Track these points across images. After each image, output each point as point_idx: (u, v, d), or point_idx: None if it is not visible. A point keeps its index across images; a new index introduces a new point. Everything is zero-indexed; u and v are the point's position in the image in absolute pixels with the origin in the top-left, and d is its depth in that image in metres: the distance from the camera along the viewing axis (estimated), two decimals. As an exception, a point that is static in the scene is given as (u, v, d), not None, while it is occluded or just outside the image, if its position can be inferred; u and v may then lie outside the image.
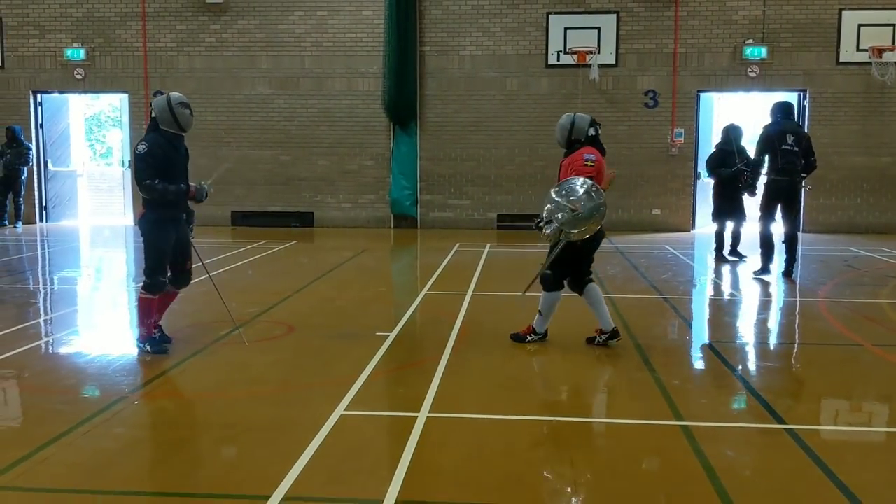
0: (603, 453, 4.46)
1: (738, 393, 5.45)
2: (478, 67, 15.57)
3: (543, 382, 5.62)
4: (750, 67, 15.04)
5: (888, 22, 14.67)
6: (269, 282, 9.87)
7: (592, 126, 6.38)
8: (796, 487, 3.90)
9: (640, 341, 6.73)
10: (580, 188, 6.07)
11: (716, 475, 3.96)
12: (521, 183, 15.70)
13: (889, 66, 14.60)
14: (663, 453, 4.33)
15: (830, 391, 5.56)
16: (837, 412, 5.26)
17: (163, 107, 6.15)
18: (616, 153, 15.40)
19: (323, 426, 4.59)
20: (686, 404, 5.12)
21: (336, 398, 5.08)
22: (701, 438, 4.47)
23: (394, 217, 15.97)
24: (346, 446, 4.35)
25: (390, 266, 12.52)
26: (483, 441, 4.50)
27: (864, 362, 6.23)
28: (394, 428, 4.79)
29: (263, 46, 15.87)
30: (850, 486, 3.84)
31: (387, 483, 3.84)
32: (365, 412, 4.94)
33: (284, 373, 5.88)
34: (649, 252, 12.59)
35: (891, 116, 14.95)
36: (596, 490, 3.84)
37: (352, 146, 15.94)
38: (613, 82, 15.36)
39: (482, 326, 7.26)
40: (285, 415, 4.90)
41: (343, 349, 6.43)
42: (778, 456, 4.33)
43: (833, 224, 14.82)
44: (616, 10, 15.17)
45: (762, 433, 4.70)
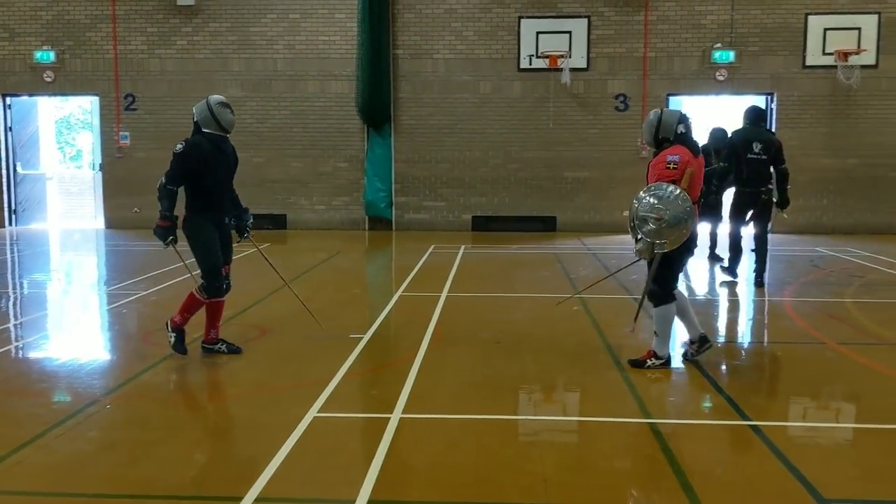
0: (573, 451, 4.54)
1: (706, 391, 5.56)
2: (451, 70, 15.65)
3: (516, 382, 5.69)
4: (718, 71, 15.26)
5: (853, 26, 14.95)
6: (243, 284, 9.80)
7: (682, 122, 5.86)
8: (760, 482, 4.00)
9: (610, 341, 6.84)
10: (663, 194, 5.64)
11: (682, 471, 4.06)
12: (496, 185, 15.80)
13: (854, 69, 14.87)
14: (632, 450, 4.42)
15: (795, 389, 5.69)
16: (801, 409, 5.38)
17: (203, 109, 6.08)
18: (587, 156, 15.62)
19: (296, 428, 4.62)
20: (655, 402, 5.23)
21: (309, 400, 5.12)
22: (668, 435, 4.57)
23: (368, 219, 15.99)
24: (320, 448, 4.40)
25: (365, 268, 12.55)
26: (456, 441, 4.57)
27: (828, 360, 6.37)
28: (367, 429, 4.84)
29: (236, 49, 15.83)
30: (812, 481, 3.94)
31: (359, 484, 3.89)
32: (338, 414, 4.98)
33: (258, 375, 5.90)
34: (620, 253, 12.72)
35: (856, 119, 15.25)
36: (565, 487, 3.92)
37: (325, 148, 15.95)
38: (585, 86, 15.51)
39: (457, 328, 7.32)
40: (259, 417, 4.93)
41: (316, 352, 6.46)
42: (743, 452, 4.45)
43: (800, 225, 15.06)
44: (587, 15, 15.32)
45: (728, 430, 4.81)
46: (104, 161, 16.31)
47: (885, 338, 6.88)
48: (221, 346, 6.37)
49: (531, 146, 15.70)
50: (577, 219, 15.77)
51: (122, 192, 16.10)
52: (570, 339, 6.99)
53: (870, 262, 11.42)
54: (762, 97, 15.41)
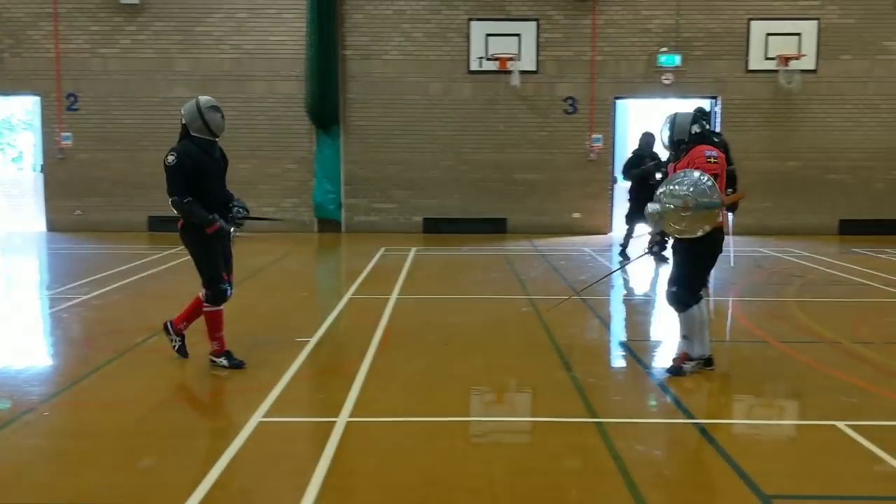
0: (520, 451, 4.56)
1: (650, 390, 5.63)
2: (401, 72, 15.62)
3: (466, 384, 5.68)
4: (664, 75, 15.50)
5: (794, 31, 15.33)
6: (188, 287, 9.62)
7: (696, 122, 5.67)
8: (702, 479, 4.07)
9: (559, 342, 6.88)
10: (696, 180, 5.41)
11: (626, 469, 4.10)
12: (447, 187, 15.81)
13: (795, 73, 15.25)
14: (577, 450, 4.45)
15: (738, 387, 5.78)
16: (744, 407, 5.48)
17: (192, 112, 5.82)
18: (538, 158, 15.73)
19: (240, 433, 4.55)
20: (601, 402, 5.27)
21: (254, 405, 5.05)
22: (614, 434, 4.61)
23: (318, 221, 15.86)
24: (264, 453, 4.33)
25: (314, 270, 12.44)
26: (403, 444, 4.54)
27: (770, 359, 6.50)
28: (313, 434, 4.79)
29: (181, 48, 15.57)
30: (754, 477, 4.01)
31: (304, 489, 3.84)
32: (283, 418, 4.92)
33: (203, 380, 5.80)
34: (569, 254, 12.85)
35: (797, 122, 15.62)
36: (513, 488, 3.92)
37: (274, 149, 15.78)
38: (534, 89, 15.62)
39: (406, 330, 7.30)
40: (202, 423, 4.85)
41: (263, 356, 6.37)
42: (686, 449, 4.51)
43: (745, 226, 15.31)
44: (536, 18, 15.42)
45: (671, 428, 4.88)
46: (45, 162, 15.90)
47: (825, 336, 7.05)
48: (177, 341, 6.24)
49: (482, 148, 15.75)
50: (528, 220, 15.86)
51: (64, 194, 15.71)
52: (520, 340, 7.02)
53: (810, 262, 11.70)
54: (707, 101, 15.70)
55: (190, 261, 6.11)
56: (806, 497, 3.91)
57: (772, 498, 3.78)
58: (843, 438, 4.58)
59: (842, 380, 5.75)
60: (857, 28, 15.41)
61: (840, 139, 15.65)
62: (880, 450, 4.36)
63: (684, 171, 5.54)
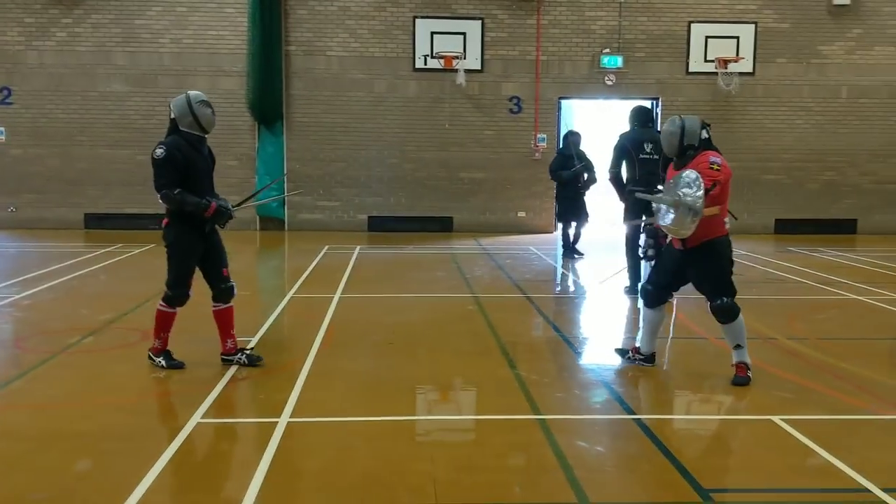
0: (463, 449, 4.54)
1: (593, 387, 5.67)
2: (345, 68, 15.50)
3: (409, 383, 5.65)
4: (607, 76, 15.69)
5: (733, 34, 15.67)
6: (125, 286, 9.46)
7: (704, 128, 5.60)
8: (642, 473, 4.11)
9: (503, 340, 6.90)
10: (693, 183, 5.31)
11: (568, 465, 4.12)
12: (392, 185, 15.75)
13: (733, 76, 15.59)
14: (520, 447, 4.46)
15: (677, 383, 5.87)
16: (683, 402, 5.56)
17: (182, 106, 5.64)
18: (483, 157, 15.77)
19: (178, 435, 4.45)
20: (544, 399, 5.29)
21: (193, 406, 4.94)
22: (556, 431, 4.64)
23: (260, 219, 15.64)
24: (202, 455, 4.25)
25: (256, 269, 12.25)
26: (345, 443, 4.49)
27: (707, 354, 6.62)
28: (253, 434, 4.71)
29: (119, 42, 15.19)
30: (692, 471, 4.07)
31: (243, 492, 3.76)
32: (223, 419, 4.83)
33: (140, 381, 5.65)
34: (514, 253, 12.92)
35: (735, 124, 15.97)
36: (455, 486, 3.91)
37: (214, 146, 15.23)
38: (479, 87, 15.66)
39: (349, 328, 7.23)
40: (139, 424, 4.72)
41: (202, 356, 6.22)
42: (626, 444, 4.56)
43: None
44: (481, 17, 15.47)
45: (613, 423, 4.93)
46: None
47: (761, 332, 7.21)
48: (241, 356, 5.93)
49: (427, 146, 15.73)
50: (474, 219, 15.90)
51: (-5, 191, 15.22)
52: (464, 339, 7.01)
53: (746, 260, 11.96)
54: (648, 102, 15.92)
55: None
56: (743, 490, 3.98)
57: (710, 492, 3.84)
58: (778, 432, 4.68)
59: (778, 375, 5.88)
60: (792, 32, 15.83)
61: (776, 140, 16.05)
62: (813, 443, 4.46)
63: (686, 172, 5.41)
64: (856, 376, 5.76)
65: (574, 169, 11.33)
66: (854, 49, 15.92)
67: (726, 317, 5.59)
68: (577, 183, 11.53)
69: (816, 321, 7.99)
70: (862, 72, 15.96)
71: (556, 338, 7.30)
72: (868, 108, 16.07)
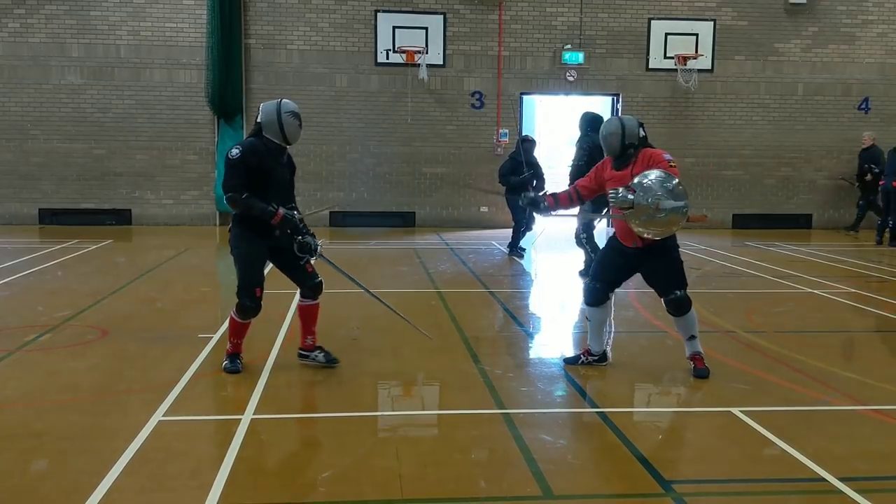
0: (428, 444, 4.55)
1: (556, 380, 5.71)
2: (306, 62, 15.38)
3: (373, 378, 5.64)
4: (568, 72, 15.79)
5: (692, 31, 15.87)
6: (82, 283, 9.29)
7: (641, 126, 5.70)
8: (605, 465, 4.16)
9: (467, 334, 6.91)
10: (671, 186, 5.40)
11: (532, 458, 4.15)
12: (354, 180, 15.68)
13: (692, 72, 15.80)
14: (485, 441, 4.48)
15: (639, 376, 5.93)
16: (644, 395, 5.63)
17: (271, 112, 5.41)
18: (446, 152, 15.78)
19: (139, 433, 4.38)
20: (508, 393, 5.31)
21: (154, 404, 4.87)
22: (520, 425, 4.66)
23: (219, 214, 15.46)
24: (164, 454, 4.18)
25: (216, 265, 12.11)
26: (309, 440, 4.48)
27: (667, 347, 6.69)
28: (216, 432, 4.66)
29: (74, 33, 14.89)
30: (654, 462, 4.13)
31: (206, 490, 3.72)
32: (185, 417, 4.76)
33: (99, 379, 5.55)
34: (477, 248, 12.96)
35: (693, 120, 16.19)
36: (421, 481, 3.91)
37: (173, 140, 15.29)
38: (442, 82, 15.65)
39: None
40: (99, 423, 4.64)
41: (163, 353, 6.16)
42: (589, 437, 4.61)
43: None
44: (443, 12, 15.46)
45: (576, 417, 4.98)
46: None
47: (719, 325, 7.32)
48: (318, 354, 5.81)
49: (389, 141, 15.69)
50: (436, 214, 15.91)
51: (-55, 185, 14.85)
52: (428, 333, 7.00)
53: (705, 255, 12.14)
54: (609, 98, 16.10)
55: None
56: (703, 481, 4.04)
57: (671, 483, 3.89)
58: (737, 423, 4.77)
59: (736, 368, 5.98)
60: (750, 30, 16.09)
61: (734, 137, 16.31)
62: (771, 434, 4.55)
63: (656, 172, 5.44)
64: (812, 368, 5.88)
65: (522, 176, 11.38)
66: (810, 47, 16.24)
67: (681, 309, 5.67)
68: (524, 190, 11.58)
69: (773, 314, 8.14)
70: (817, 69, 16.29)
71: (519, 332, 7.34)
72: (822, 105, 16.42)
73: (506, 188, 11.92)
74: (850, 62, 16.34)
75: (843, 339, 7.39)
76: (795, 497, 3.90)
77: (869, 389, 5.50)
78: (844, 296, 8.94)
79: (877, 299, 8.77)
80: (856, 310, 8.36)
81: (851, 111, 16.46)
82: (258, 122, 5.49)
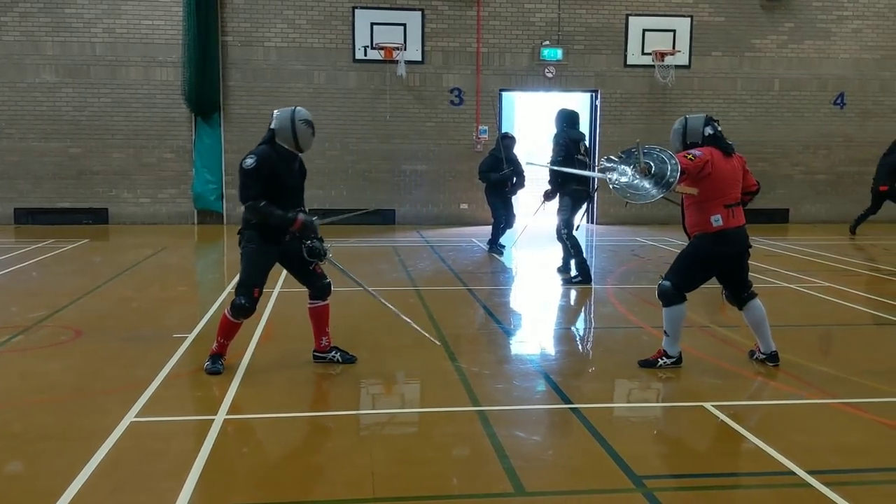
0: (403, 442, 4.55)
1: (532, 377, 5.74)
2: (284, 59, 15.32)
3: (349, 377, 5.63)
4: (547, 68, 15.82)
5: (669, 28, 15.94)
6: (57, 283, 9.22)
7: (709, 124, 5.69)
8: (577, 461, 4.18)
9: (445, 332, 6.91)
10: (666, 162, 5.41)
11: (506, 455, 4.16)
12: (333, 177, 15.63)
13: (670, 68, 15.87)
14: (459, 439, 4.49)
15: (614, 372, 5.95)
16: (618, 391, 5.65)
17: (285, 120, 5.44)
18: (425, 149, 15.77)
19: (111, 434, 4.36)
20: (484, 391, 5.33)
21: (127, 404, 4.85)
22: (495, 422, 4.68)
23: (198, 212, 15.38)
24: (138, 454, 4.17)
25: (193, 264, 12.06)
26: (283, 439, 4.47)
27: (643, 344, 6.72)
28: (189, 432, 4.64)
29: (49, 31, 14.73)
30: (625, 458, 4.15)
31: (178, 490, 3.71)
32: (158, 417, 4.74)
33: (72, 379, 5.52)
34: (457, 245, 12.97)
35: (671, 115, 16.09)
36: (393, 479, 3.91)
37: (150, 138, 15.17)
38: (420, 79, 15.63)
39: (288, 323, 7.17)
40: (71, 424, 4.61)
41: (138, 353, 6.13)
42: (563, 433, 4.63)
43: (622, 216, 15.86)
44: (421, 8, 15.43)
45: (550, 413, 5.00)
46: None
47: (696, 321, 7.36)
48: (335, 354, 5.84)
49: (368, 138, 15.65)
50: (416, 211, 15.90)
51: (-82, 185, 14.67)
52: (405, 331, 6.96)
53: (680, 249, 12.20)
54: (587, 94, 16.14)
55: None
56: (675, 476, 4.07)
57: (643, 478, 3.92)
58: (709, 418, 4.81)
59: (710, 362, 6.04)
60: (727, 26, 16.19)
61: (711, 132, 16.36)
62: (742, 428, 4.59)
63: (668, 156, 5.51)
64: (785, 362, 5.93)
65: (503, 173, 11.41)
66: (786, 43, 16.36)
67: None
68: (504, 187, 11.65)
69: (748, 309, 8.19)
70: (793, 65, 16.42)
71: (497, 329, 7.36)
72: (799, 100, 16.55)
73: (486, 185, 11.95)
74: (826, 58, 16.49)
75: (818, 333, 7.46)
76: (765, 491, 3.94)
77: (841, 383, 5.55)
78: (820, 290, 9.03)
79: (851, 293, 8.87)
80: (830, 304, 8.44)
81: (827, 106, 16.61)
82: (271, 129, 5.52)
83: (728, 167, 5.61)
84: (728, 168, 5.61)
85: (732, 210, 5.65)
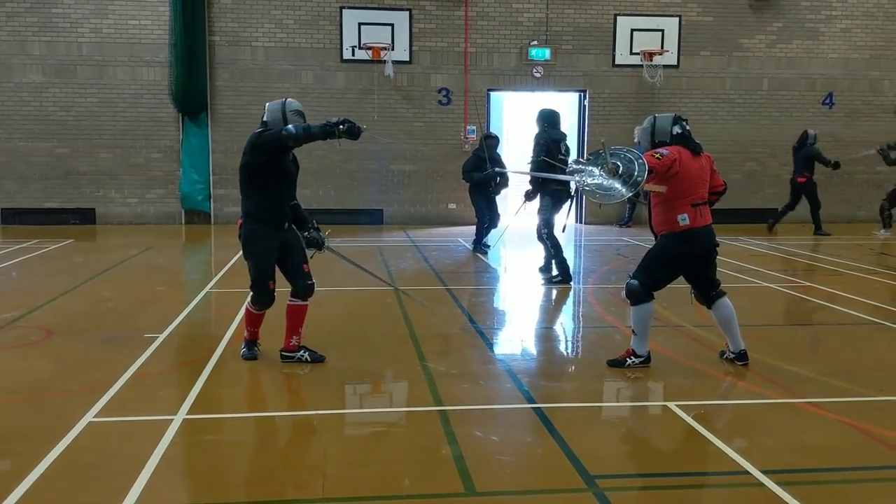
0: (358, 443, 4.53)
1: (499, 377, 5.71)
2: (271, 59, 15.30)
3: (314, 378, 5.60)
4: (535, 68, 15.80)
5: (657, 27, 15.92)
6: (36, 283, 9.20)
7: (677, 123, 5.66)
8: (532, 461, 4.16)
9: (417, 332, 6.90)
10: (633, 161, 5.38)
11: (461, 455, 4.14)
12: (320, 177, 15.60)
13: (658, 68, 15.85)
14: (416, 438, 4.47)
15: (582, 371, 5.95)
16: (584, 390, 5.60)
17: (276, 111, 5.60)
18: (413, 149, 15.75)
19: (66, 435, 4.34)
20: (448, 390, 5.30)
21: (88, 405, 4.83)
22: (455, 422, 4.66)
23: (185, 212, 15.36)
24: (92, 455, 4.15)
25: (177, 264, 12.04)
26: (239, 440, 4.45)
27: (615, 343, 6.69)
28: (146, 433, 4.60)
29: (36, 31, 14.72)
30: (581, 458, 4.13)
31: (127, 491, 3.69)
32: (117, 418, 4.72)
33: (36, 380, 5.50)
34: (443, 245, 12.95)
35: (660, 116, 16.22)
36: (344, 481, 3.89)
37: (137, 138, 15.15)
38: (408, 79, 15.62)
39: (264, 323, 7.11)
40: (29, 425, 4.60)
41: (106, 353, 6.11)
42: (521, 433, 4.60)
43: (608, 216, 15.83)
44: (409, 8, 15.41)
45: (512, 413, 4.97)
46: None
47: (669, 320, 7.36)
48: (304, 353, 5.85)
49: (356, 138, 15.58)
50: (404, 211, 15.88)
51: None
52: (378, 331, 7.01)
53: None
54: (576, 94, 16.13)
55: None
56: (629, 476, 4.06)
57: (595, 478, 3.90)
58: (671, 418, 4.79)
59: (679, 362, 6.02)
60: (715, 26, 16.17)
61: (699, 132, 16.01)
62: (703, 428, 4.57)
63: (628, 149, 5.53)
64: (755, 362, 5.91)
65: (486, 173, 11.40)
66: (774, 42, 16.34)
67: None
68: (488, 186, 11.65)
69: (726, 308, 8.17)
70: (781, 65, 16.40)
71: (471, 329, 7.33)
72: (787, 100, 16.53)
73: (469, 185, 11.95)
74: (815, 57, 16.47)
75: (790, 333, 7.45)
76: (717, 490, 3.93)
77: (808, 383, 5.54)
78: (799, 289, 9.02)
79: (829, 292, 8.85)
80: (807, 303, 8.43)
81: (816, 106, 16.59)
82: (264, 121, 5.64)
83: (696, 166, 5.61)
84: (696, 167, 5.60)
85: (699, 209, 5.66)
